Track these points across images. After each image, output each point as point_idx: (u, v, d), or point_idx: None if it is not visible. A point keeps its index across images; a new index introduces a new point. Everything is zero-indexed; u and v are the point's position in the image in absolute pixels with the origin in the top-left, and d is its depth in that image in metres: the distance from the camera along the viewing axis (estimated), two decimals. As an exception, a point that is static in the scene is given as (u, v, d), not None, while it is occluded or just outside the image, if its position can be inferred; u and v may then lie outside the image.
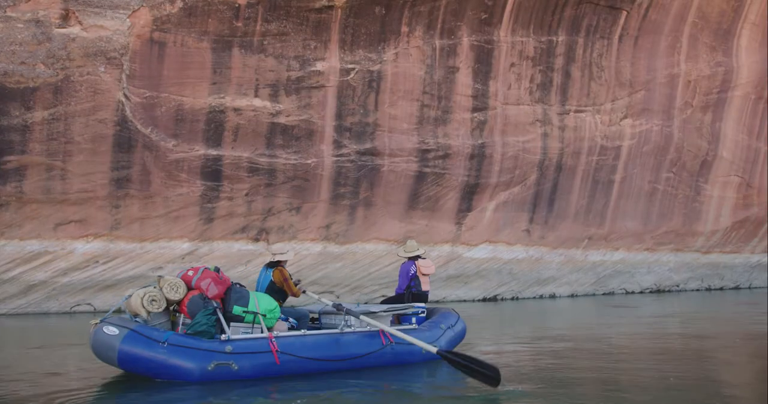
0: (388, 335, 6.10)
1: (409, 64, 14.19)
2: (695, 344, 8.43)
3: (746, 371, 6.48)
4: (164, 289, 5.59)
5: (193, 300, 5.60)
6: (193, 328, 5.52)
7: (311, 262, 14.43)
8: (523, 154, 15.75)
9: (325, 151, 13.69)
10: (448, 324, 6.74)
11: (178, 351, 5.30)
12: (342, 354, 5.85)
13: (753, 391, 5.41)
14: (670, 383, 5.55)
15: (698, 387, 5.45)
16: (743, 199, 19.86)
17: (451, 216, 15.61)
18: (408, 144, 14.45)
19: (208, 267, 5.94)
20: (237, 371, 5.39)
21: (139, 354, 5.29)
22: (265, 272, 6.66)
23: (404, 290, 7.05)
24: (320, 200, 14.02)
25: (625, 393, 5.32)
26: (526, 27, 15.21)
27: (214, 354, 5.34)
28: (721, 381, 6.02)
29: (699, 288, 21.23)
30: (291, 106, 13.22)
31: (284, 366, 5.56)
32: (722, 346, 8.17)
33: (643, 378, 5.90)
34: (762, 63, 18.82)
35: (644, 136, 17.35)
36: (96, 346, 5.59)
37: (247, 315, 5.72)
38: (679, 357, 7.07)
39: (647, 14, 16.45)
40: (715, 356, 7.45)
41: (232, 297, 5.75)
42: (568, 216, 17.06)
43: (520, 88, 15.51)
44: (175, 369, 5.31)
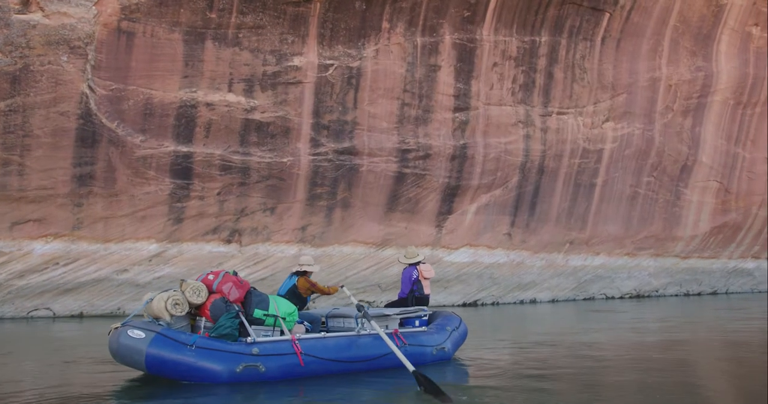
0: (401, 336, 6.37)
1: (389, 62, 13.76)
2: (675, 349, 8.44)
3: (724, 375, 6.57)
4: (187, 293, 5.64)
5: (215, 303, 5.67)
6: (217, 331, 5.57)
7: (286, 265, 13.85)
8: (505, 156, 15.41)
9: (301, 149, 13.17)
10: (453, 326, 7.01)
11: (206, 354, 5.35)
12: (360, 356, 6.03)
13: (730, 395, 5.55)
14: (648, 386, 5.69)
15: (677, 390, 5.58)
16: (722, 204, 19.83)
17: (431, 219, 15.19)
18: (388, 143, 14.00)
19: (227, 271, 6.01)
20: (264, 373, 5.47)
21: (167, 357, 5.31)
22: (290, 279, 6.85)
23: (407, 294, 7.30)
24: (296, 200, 13.48)
25: (604, 397, 5.42)
26: (509, 26, 14.91)
27: (242, 356, 5.43)
28: (699, 385, 6.11)
29: (678, 293, 21.14)
30: (266, 102, 12.68)
31: (307, 367, 5.69)
32: (701, 351, 8.23)
33: (623, 382, 5.97)
34: (741, 69, 18.83)
35: (626, 139, 17.17)
36: (120, 350, 5.53)
37: (267, 318, 5.86)
38: (659, 361, 7.15)
39: (630, 17, 16.30)
40: (694, 361, 7.53)
41: (253, 301, 5.87)
42: (550, 219, 16.77)
43: (502, 88, 15.19)
44: (203, 372, 5.35)
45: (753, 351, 8.33)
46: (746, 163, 19.91)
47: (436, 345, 6.59)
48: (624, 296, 19.71)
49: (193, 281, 5.79)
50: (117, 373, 6.22)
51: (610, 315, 14.45)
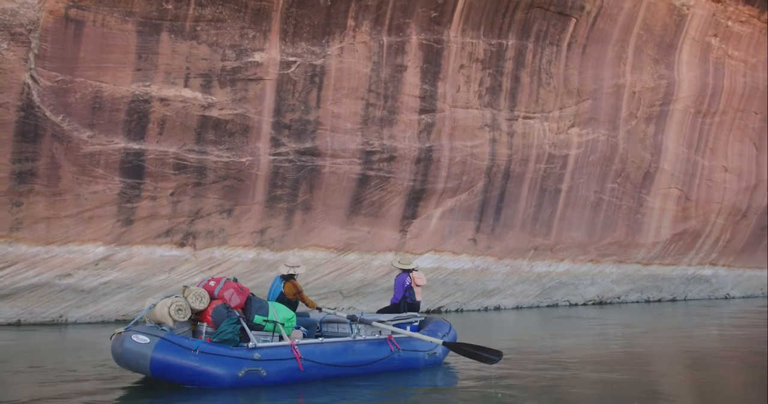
0: (395, 342, 6.56)
1: (354, 60, 13.35)
2: (639, 354, 8.54)
3: (685, 379, 6.78)
4: (189, 299, 5.75)
5: (217, 309, 5.79)
6: (219, 336, 5.70)
7: (243, 270, 13.25)
8: (471, 160, 15.15)
9: (261, 149, 12.62)
10: (443, 332, 7.12)
11: (210, 359, 5.49)
12: (357, 361, 6.23)
13: (691, 398, 5.76)
14: (614, 391, 5.88)
15: (640, 394, 5.74)
16: (682, 211, 20.02)
17: (395, 223, 14.79)
18: (351, 144, 13.56)
19: (228, 278, 6.13)
20: (265, 377, 5.64)
21: (172, 362, 5.43)
22: (278, 283, 6.89)
23: (400, 300, 7.45)
24: (254, 202, 12.90)
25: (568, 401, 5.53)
26: (476, 28, 14.68)
27: (244, 361, 5.58)
28: (661, 389, 6.25)
29: (639, 299, 21.24)
30: (225, 99, 12.10)
31: (307, 371, 5.86)
32: (663, 356, 8.38)
33: (588, 387, 6.09)
34: (701, 78, 19.09)
35: (591, 145, 17.14)
36: (124, 354, 5.62)
37: (267, 324, 6.00)
38: (624, 367, 7.31)
39: (595, 23, 16.30)
40: (657, 365, 7.65)
41: (253, 307, 6.00)
42: (515, 225, 16.57)
43: (469, 91, 14.94)
44: (207, 376, 5.49)
45: (717, 356, 8.26)
46: (705, 171, 20.17)
47: (428, 351, 6.76)
48: (587, 303, 19.67)
49: (196, 287, 5.92)
50: (106, 380, 6.22)
51: (583, 322, 14.29)
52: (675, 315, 16.85)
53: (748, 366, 7.63)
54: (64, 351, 8.91)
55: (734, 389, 6.27)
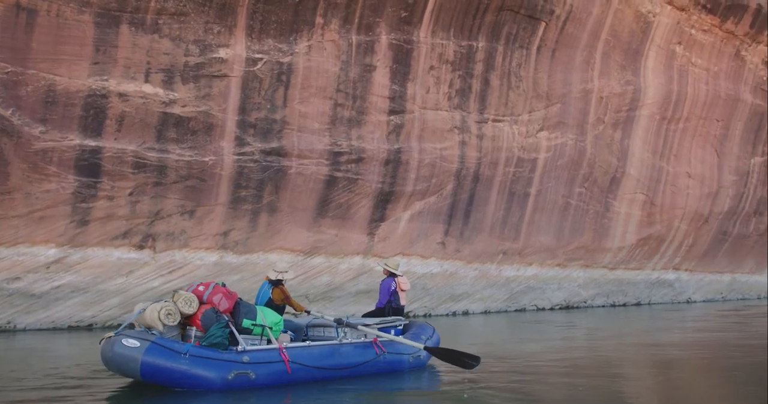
0: (381, 345, 6.69)
1: (322, 59, 13.05)
2: (605, 358, 8.64)
3: (649, 381, 6.90)
4: (179, 303, 5.82)
5: (206, 314, 5.87)
6: (209, 340, 5.78)
7: (205, 274, 12.77)
8: (440, 162, 14.98)
9: (225, 148, 12.20)
10: (427, 335, 7.29)
11: (199, 362, 5.59)
12: (343, 363, 6.38)
13: (656, 399, 5.89)
14: (579, 393, 5.98)
15: (606, 396, 5.89)
16: (647, 216, 20.23)
17: (363, 226, 14.50)
18: (318, 145, 13.24)
19: (217, 282, 6.20)
20: (254, 379, 5.76)
21: (162, 365, 5.51)
22: (266, 288, 6.95)
23: (385, 304, 7.57)
24: (218, 203, 12.46)
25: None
26: (446, 29, 14.54)
27: (233, 364, 5.69)
28: (625, 391, 6.40)
29: (604, 304, 21.36)
30: (187, 96, 11.66)
31: (294, 374, 5.99)
32: (629, 359, 8.50)
33: (554, 389, 6.21)
34: (666, 85, 19.35)
35: (559, 149, 17.16)
36: (114, 358, 5.69)
37: (255, 327, 6.10)
38: (590, 370, 7.45)
39: (564, 27, 16.35)
40: (622, 369, 7.78)
41: (241, 311, 6.10)
42: (484, 229, 16.45)
43: (438, 92, 14.78)
44: (197, 379, 5.59)
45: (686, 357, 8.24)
46: (670, 177, 20.45)
47: (412, 353, 6.89)
48: (554, 307, 19.68)
49: (185, 292, 6.00)
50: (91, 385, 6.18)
51: (553, 326, 14.21)
52: (640, 319, 16.95)
53: (710, 369, 7.71)
54: (12, 361, 8.35)
55: (698, 391, 6.32)
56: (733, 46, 21.22)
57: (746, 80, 22.03)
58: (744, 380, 6.64)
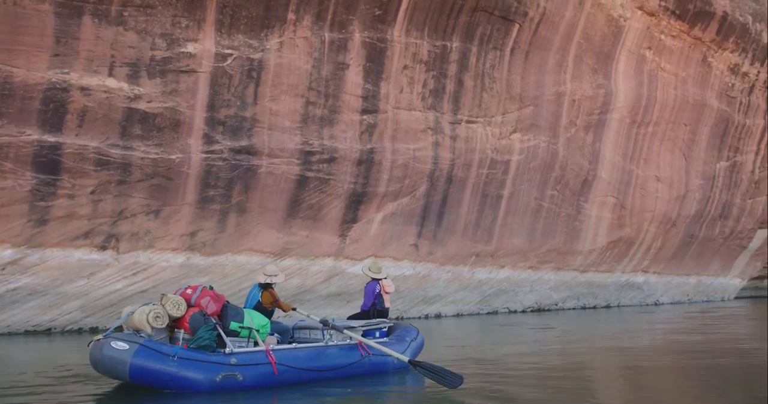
0: (366, 347, 6.78)
1: (294, 56, 12.77)
2: (579, 359, 8.73)
3: (617, 382, 7.05)
4: (167, 306, 5.89)
5: (194, 316, 5.96)
6: (197, 343, 5.86)
7: (171, 276, 12.35)
8: (414, 163, 14.80)
9: (192, 145, 11.82)
10: (411, 337, 7.39)
11: (188, 364, 5.66)
12: (329, 365, 6.46)
13: (623, 399, 6.00)
14: (548, 395, 6.09)
15: (575, 397, 5.94)
16: (617, 219, 20.39)
17: (334, 228, 14.23)
18: (290, 144, 12.94)
19: (205, 286, 6.27)
20: (242, 381, 5.84)
21: (151, 368, 5.58)
22: (256, 291, 7.01)
23: (369, 307, 7.62)
24: (185, 203, 12.07)
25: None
26: (420, 29, 14.40)
27: (221, 366, 5.77)
28: (593, 391, 6.53)
29: (575, 306, 21.46)
30: (154, 91, 11.26)
31: (281, 376, 6.07)
32: (600, 362, 8.59)
33: (527, 391, 6.23)
34: (636, 89, 19.54)
35: (532, 151, 17.15)
36: (103, 361, 5.74)
37: (242, 330, 6.18)
38: (563, 372, 7.52)
39: (538, 29, 16.36)
40: (591, 370, 7.88)
41: (229, 314, 6.17)
42: (457, 231, 16.33)
43: (412, 92, 14.62)
44: (185, 381, 5.66)
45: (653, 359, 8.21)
46: (639, 181, 20.65)
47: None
48: (526, 310, 19.68)
49: (173, 295, 6.05)
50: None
51: (526, 329, 14.12)
52: (614, 321, 17.03)
53: (677, 370, 7.73)
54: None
55: (667, 393, 6.33)
56: (700, 52, 21.58)
57: (712, 86, 22.43)
58: (714, 382, 6.68)
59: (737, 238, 26.84)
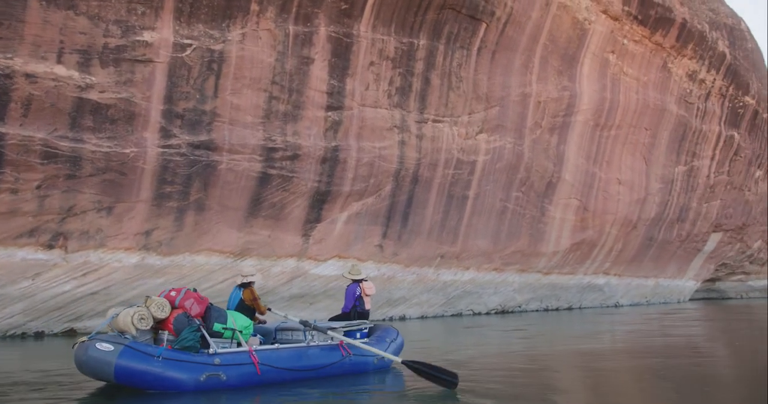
0: (347, 348, 6.92)
1: (257, 49, 12.31)
2: (542, 360, 8.79)
3: (578, 382, 7.15)
4: (152, 308, 5.95)
5: (178, 318, 6.03)
6: (181, 344, 5.95)
7: (124, 277, 11.71)
8: (379, 162, 14.49)
9: (148, 139, 11.23)
10: (391, 338, 7.49)
11: (172, 365, 5.75)
12: (310, 365, 6.59)
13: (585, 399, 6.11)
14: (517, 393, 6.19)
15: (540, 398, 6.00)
16: (580, 221, 20.50)
17: (297, 227, 13.78)
18: (252, 140, 12.46)
19: (189, 288, 6.37)
20: (225, 381, 5.94)
21: (136, 368, 5.66)
22: (237, 291, 7.13)
23: (350, 309, 7.73)
24: (139, 200, 11.46)
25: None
26: (387, 25, 14.12)
27: (205, 366, 5.87)
28: (557, 389, 6.63)
29: (538, 308, 21.48)
30: (107, 80, 10.65)
31: (264, 375, 6.19)
32: (562, 363, 8.61)
33: (490, 391, 6.26)
34: (600, 92, 19.71)
35: (498, 152, 17.05)
36: (88, 362, 5.79)
37: (226, 331, 6.27)
38: (528, 371, 7.61)
39: (505, 30, 16.29)
40: (555, 370, 7.93)
41: (212, 316, 6.25)
42: (423, 232, 16.08)
43: (378, 89, 14.32)
44: (170, 381, 5.74)
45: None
46: (602, 183, 20.82)
47: (378, 356, 7.03)
48: (490, 312, 19.56)
49: (157, 297, 6.12)
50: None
51: (492, 331, 13.91)
52: (578, 322, 17.02)
53: (637, 371, 7.73)
54: None
55: (627, 394, 6.43)
56: (660, 58, 21.95)
57: (672, 91, 22.85)
58: (674, 383, 6.69)
59: (693, 241, 27.42)
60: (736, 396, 6.23)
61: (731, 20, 25.96)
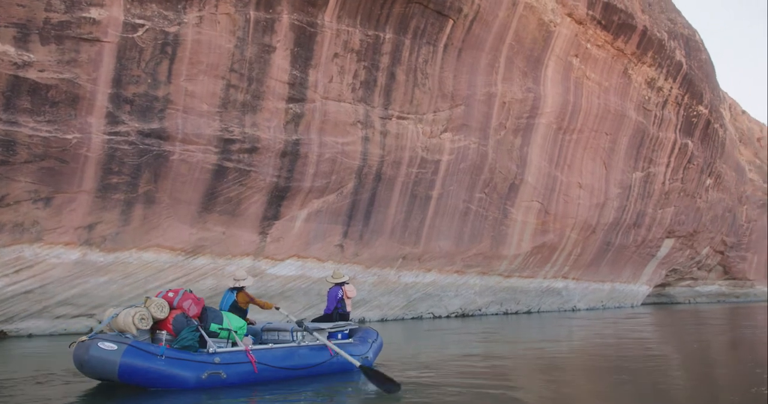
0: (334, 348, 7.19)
1: (215, 33, 11.60)
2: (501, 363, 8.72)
3: (537, 382, 7.22)
4: (151, 309, 6.08)
5: (177, 318, 6.18)
6: (180, 343, 6.10)
7: (63, 274, 10.78)
8: (342, 158, 13.92)
9: (93, 125, 10.37)
10: (372, 338, 7.84)
11: (175, 363, 5.89)
12: (301, 364, 6.85)
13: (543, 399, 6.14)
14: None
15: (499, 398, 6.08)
16: (542, 224, 20.38)
17: (254, 224, 13.08)
18: (207, 130, 11.72)
19: (186, 289, 6.51)
20: (225, 379, 6.11)
21: (140, 367, 5.77)
22: (229, 294, 7.27)
23: (332, 311, 8.01)
24: (82, 190, 10.57)
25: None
26: (353, 16, 13.60)
27: (206, 365, 6.03)
28: (517, 387, 6.80)
29: (498, 312, 21.25)
30: (48, 59, 9.76)
31: (260, 374, 6.40)
32: (523, 367, 8.62)
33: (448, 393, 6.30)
34: (563, 95, 19.65)
35: (462, 152, 16.71)
36: (90, 361, 5.85)
37: (221, 331, 6.47)
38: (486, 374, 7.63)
39: (471, 27, 15.99)
40: (513, 373, 7.97)
41: (209, 316, 6.45)
42: (385, 232, 15.57)
43: (342, 82, 13.76)
44: (173, 379, 5.87)
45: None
46: (563, 187, 20.78)
47: (361, 355, 7.33)
48: (450, 315, 19.19)
49: (157, 298, 6.25)
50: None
51: (453, 335, 13.47)
52: (541, 327, 16.80)
53: (598, 372, 7.74)
54: None
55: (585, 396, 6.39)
56: (622, 64, 22.13)
57: (631, 97, 23.08)
58: (631, 385, 6.74)
59: (648, 247, 27.82)
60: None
61: (687, 31, 26.51)
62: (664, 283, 38.05)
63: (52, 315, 11.12)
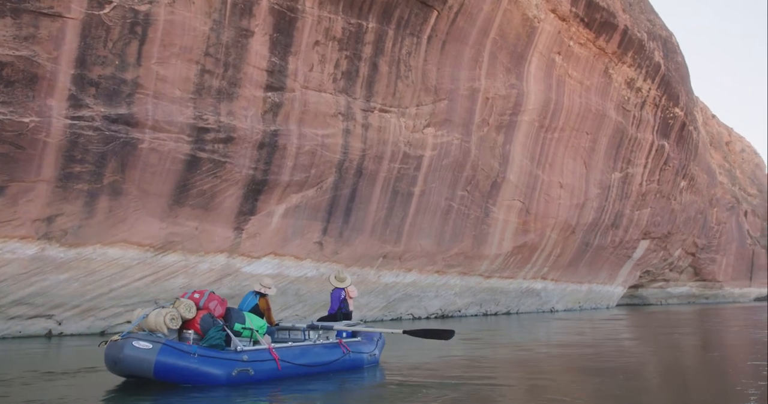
0: (346, 346, 7.55)
1: (190, 14, 10.84)
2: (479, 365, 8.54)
3: (519, 382, 7.13)
4: (180, 309, 6.34)
5: (204, 318, 6.46)
6: (208, 342, 6.34)
7: (18, 271, 9.89)
8: (322, 151, 13.26)
9: (54, 108, 9.53)
10: (376, 337, 8.20)
11: (207, 361, 6.17)
12: (318, 361, 7.17)
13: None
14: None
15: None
16: (523, 224, 20.00)
17: (229, 219, 12.32)
18: (179, 117, 10.94)
19: (210, 291, 6.76)
20: (252, 376, 6.42)
21: (175, 364, 6.02)
22: (252, 297, 7.51)
23: (336, 311, 8.25)
24: (40, 180, 9.71)
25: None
26: (335, 2, 12.97)
27: (235, 362, 6.34)
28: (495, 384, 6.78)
29: (477, 313, 20.79)
30: (3, 34, 8.91)
31: (283, 371, 6.71)
32: (504, 366, 8.50)
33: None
34: (545, 93, 19.33)
35: (445, 148, 16.20)
36: (125, 360, 6.00)
37: (244, 330, 6.77)
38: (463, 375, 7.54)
39: (456, 19, 15.50)
40: (492, 374, 7.81)
41: (233, 316, 6.76)
42: (365, 229, 14.94)
43: (323, 72, 13.11)
44: (206, 376, 6.16)
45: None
46: (544, 186, 20.44)
47: (369, 352, 7.78)
48: (430, 316, 18.65)
49: (185, 299, 6.46)
50: None
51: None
52: (524, 328, 16.36)
53: (579, 371, 7.32)
54: None
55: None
56: (603, 63, 21.95)
57: (612, 97, 22.92)
58: (610, 385, 6.65)
59: (624, 248, 27.75)
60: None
61: (665, 33, 26.56)
62: (636, 285, 38.24)
63: (5, 316, 10.20)
